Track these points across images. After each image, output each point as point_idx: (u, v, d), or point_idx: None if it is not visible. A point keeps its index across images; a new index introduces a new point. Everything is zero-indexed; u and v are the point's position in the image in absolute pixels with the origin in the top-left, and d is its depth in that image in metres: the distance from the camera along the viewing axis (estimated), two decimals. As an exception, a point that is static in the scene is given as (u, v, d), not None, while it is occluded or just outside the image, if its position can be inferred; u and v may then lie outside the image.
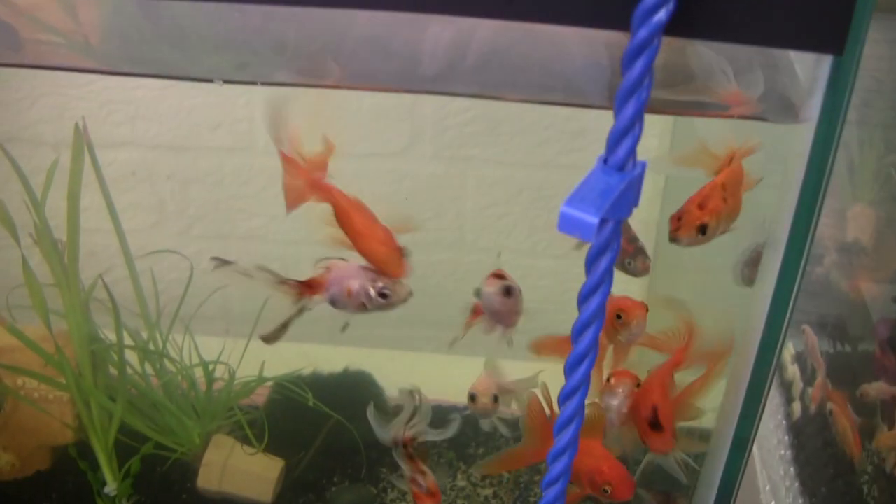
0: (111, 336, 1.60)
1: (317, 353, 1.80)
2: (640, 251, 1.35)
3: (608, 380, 1.27)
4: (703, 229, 1.10)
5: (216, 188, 1.97)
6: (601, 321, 0.90)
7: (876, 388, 1.45)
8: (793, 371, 1.77)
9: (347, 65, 1.16)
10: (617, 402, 1.24)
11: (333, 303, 1.17)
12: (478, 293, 1.19)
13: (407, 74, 1.17)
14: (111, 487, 1.57)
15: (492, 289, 1.17)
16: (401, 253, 1.13)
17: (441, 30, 1.12)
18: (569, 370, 0.93)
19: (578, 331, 0.91)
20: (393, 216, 1.15)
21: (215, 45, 1.20)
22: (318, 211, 1.85)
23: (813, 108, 0.92)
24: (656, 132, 1.68)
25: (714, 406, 1.23)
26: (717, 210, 1.11)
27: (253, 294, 1.76)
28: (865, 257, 1.61)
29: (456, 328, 1.33)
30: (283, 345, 1.79)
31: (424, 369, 1.91)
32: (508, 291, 1.16)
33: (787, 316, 1.02)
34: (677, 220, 1.11)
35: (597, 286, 0.89)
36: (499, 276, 1.19)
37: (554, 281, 2.00)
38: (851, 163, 1.65)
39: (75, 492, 1.68)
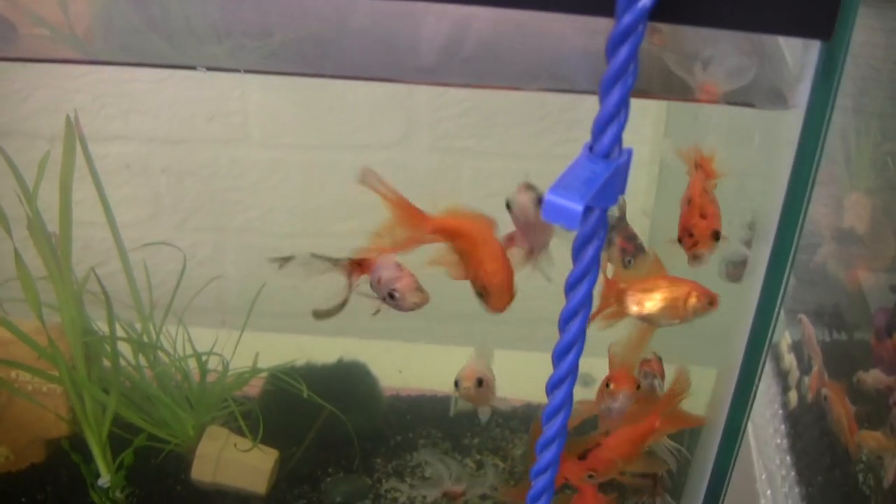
0: (105, 329, 1.59)
1: (311, 344, 1.80)
2: (639, 248, 1.34)
3: (607, 384, 1.25)
4: (716, 236, 1.12)
5: (211, 181, 1.97)
6: (588, 310, 0.90)
7: (872, 377, 1.44)
8: (789, 360, 1.76)
9: (342, 56, 1.16)
10: (617, 406, 1.23)
11: (371, 286, 1.19)
12: (509, 205, 1.10)
13: (403, 66, 1.16)
14: (105, 480, 1.57)
15: (525, 198, 1.08)
16: (511, 292, 1.13)
17: (437, 21, 1.12)
18: (557, 359, 0.93)
19: (566, 319, 0.90)
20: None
21: (205, 34, 1.19)
22: (313, 206, 1.85)
23: (802, 94, 0.91)
24: (649, 121, 1.68)
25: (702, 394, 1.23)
26: (715, 213, 1.13)
27: (249, 285, 1.77)
28: (862, 246, 1.60)
29: (452, 319, 1.33)
30: (277, 336, 1.80)
31: (419, 360, 1.92)
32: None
33: (778, 305, 1.01)
34: (691, 237, 1.12)
35: (584, 274, 0.88)
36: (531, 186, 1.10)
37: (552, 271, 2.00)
38: (848, 151, 1.64)
39: (69, 485, 1.67)
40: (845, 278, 1.66)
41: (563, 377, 0.94)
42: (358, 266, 1.19)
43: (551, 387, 0.95)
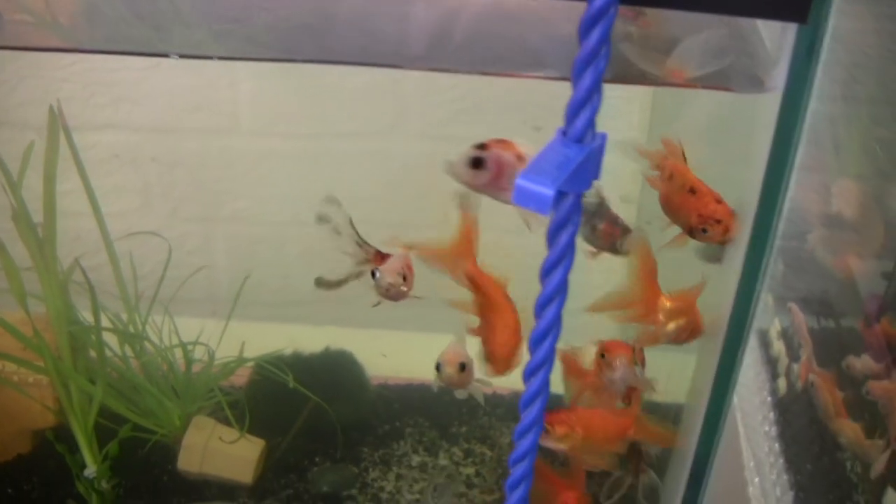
0: (92, 319, 1.59)
1: (300, 333, 1.80)
2: (626, 230, 1.32)
3: (602, 355, 1.24)
4: (733, 215, 1.13)
5: (201, 170, 1.96)
6: (564, 296, 0.89)
7: (862, 362, 1.44)
8: (779, 348, 1.75)
9: (334, 44, 1.16)
10: (617, 375, 1.22)
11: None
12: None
13: (394, 54, 1.16)
14: (91, 470, 1.56)
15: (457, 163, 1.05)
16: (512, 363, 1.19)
17: (426, 10, 1.11)
18: (533, 345, 0.92)
19: (542, 305, 0.90)
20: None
21: (189, 20, 1.19)
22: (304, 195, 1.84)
23: (779, 78, 0.91)
24: (636, 107, 1.67)
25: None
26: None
27: (239, 274, 1.77)
28: (852, 233, 1.59)
29: (439, 308, 1.33)
30: (267, 326, 1.80)
31: (407, 348, 1.91)
32: (476, 163, 1.06)
33: (758, 289, 1.01)
34: (718, 224, 1.11)
35: (558, 260, 0.88)
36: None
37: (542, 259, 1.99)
38: (837, 137, 1.63)
39: (56, 475, 1.67)
40: (835, 265, 1.65)
41: (540, 364, 0.93)
42: (380, 258, 1.22)
43: (528, 373, 0.94)
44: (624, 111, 1.73)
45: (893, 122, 1.49)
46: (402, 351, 1.87)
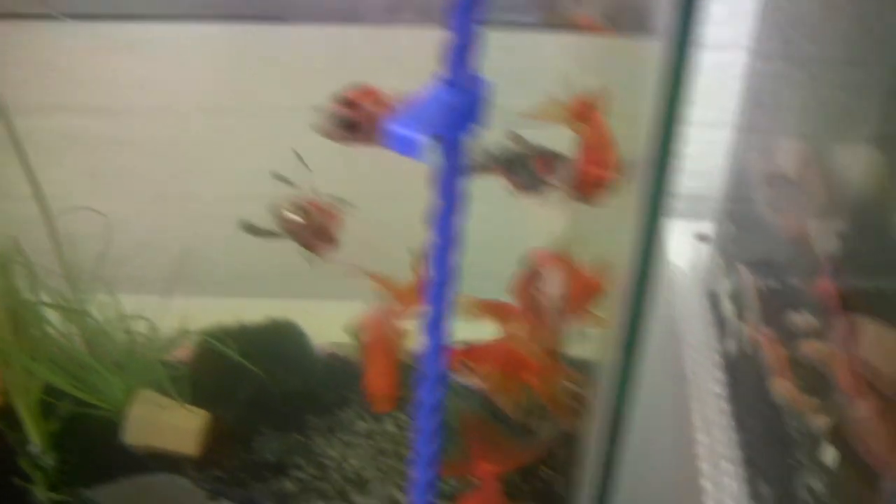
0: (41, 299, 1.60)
1: (251, 307, 1.80)
2: (560, 157, 1.23)
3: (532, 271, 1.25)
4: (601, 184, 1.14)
5: (149, 150, 1.95)
6: (455, 244, 0.89)
7: (803, 319, 1.44)
8: (728, 308, 1.76)
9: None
10: (554, 287, 1.22)
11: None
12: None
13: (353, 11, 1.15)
14: (34, 446, 1.57)
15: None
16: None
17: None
18: (430, 296, 0.93)
19: (435, 254, 0.90)
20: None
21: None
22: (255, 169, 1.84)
23: (663, 22, 0.90)
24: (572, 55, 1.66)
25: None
26: (608, 161, 1.13)
27: (191, 252, 1.77)
28: (799, 192, 1.59)
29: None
30: (207, 300, 1.80)
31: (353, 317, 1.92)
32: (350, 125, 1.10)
33: (655, 242, 1.00)
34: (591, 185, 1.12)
35: (447, 209, 0.88)
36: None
37: (496, 226, 1.99)
38: (779, 97, 1.63)
39: (2, 454, 1.67)
40: (783, 226, 1.65)
41: (438, 317, 0.94)
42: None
43: (428, 328, 0.95)
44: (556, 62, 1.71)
45: (832, 81, 1.49)
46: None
